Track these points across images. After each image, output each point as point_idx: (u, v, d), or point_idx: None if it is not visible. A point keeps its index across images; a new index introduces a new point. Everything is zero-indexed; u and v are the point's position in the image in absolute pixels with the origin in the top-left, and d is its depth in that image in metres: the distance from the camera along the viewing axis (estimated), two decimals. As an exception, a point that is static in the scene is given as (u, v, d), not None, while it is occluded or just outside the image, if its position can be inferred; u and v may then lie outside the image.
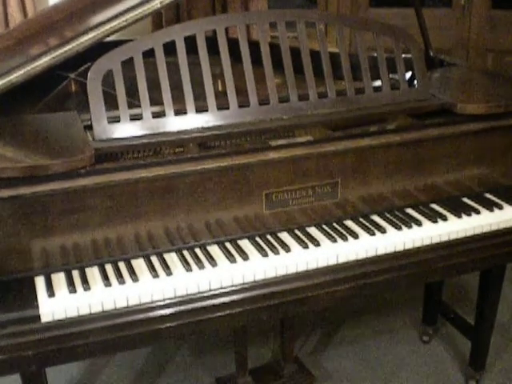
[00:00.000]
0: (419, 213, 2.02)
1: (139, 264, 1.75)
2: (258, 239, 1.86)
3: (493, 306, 2.48)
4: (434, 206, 2.07)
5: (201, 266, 1.73)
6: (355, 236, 1.89)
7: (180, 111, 1.83)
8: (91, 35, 1.95)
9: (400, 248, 1.89)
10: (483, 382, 2.65)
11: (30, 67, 1.92)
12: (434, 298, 2.86)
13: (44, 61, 1.93)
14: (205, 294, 1.69)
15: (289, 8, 1.99)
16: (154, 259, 1.77)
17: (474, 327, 2.58)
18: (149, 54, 1.82)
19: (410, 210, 2.04)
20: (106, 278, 1.67)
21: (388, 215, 2.01)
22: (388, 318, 3.09)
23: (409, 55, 2.09)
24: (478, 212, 2.04)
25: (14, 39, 2.18)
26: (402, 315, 3.11)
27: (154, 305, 1.65)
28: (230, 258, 1.77)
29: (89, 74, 1.76)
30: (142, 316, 1.64)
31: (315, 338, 2.95)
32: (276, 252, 1.80)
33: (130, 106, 1.81)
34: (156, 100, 1.85)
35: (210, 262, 1.75)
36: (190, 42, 1.85)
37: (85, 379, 2.71)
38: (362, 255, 1.85)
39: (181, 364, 2.79)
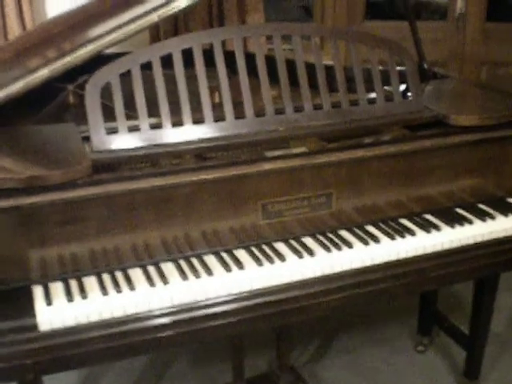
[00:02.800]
0: (413, 223, 2.05)
1: (136, 273, 1.76)
2: (253, 249, 1.88)
3: (487, 316, 2.50)
4: (427, 216, 2.10)
5: (197, 275, 1.75)
6: (349, 246, 1.91)
7: (177, 123, 1.86)
8: (89, 48, 1.97)
9: (394, 257, 1.91)
10: (478, 392, 2.67)
11: (28, 79, 1.94)
12: (429, 308, 2.88)
13: (43, 73, 1.95)
14: (201, 303, 1.71)
15: (285, 20, 2.02)
16: (151, 269, 1.78)
17: (469, 337, 2.60)
18: (146, 67, 1.84)
19: (403, 220, 2.06)
20: (103, 287, 1.69)
21: (382, 225, 2.03)
22: (383, 328, 3.11)
23: (403, 68, 2.12)
24: (471, 222, 2.06)
25: (13, 51, 2.21)
26: (397, 325, 3.13)
27: (150, 314, 1.66)
28: (226, 267, 1.79)
29: (87, 86, 1.79)
30: (139, 325, 1.65)
31: (311, 347, 2.97)
32: (271, 262, 1.82)
33: (128, 117, 1.84)
34: (153, 112, 1.88)
35: (206, 272, 1.77)
36: (188, 55, 1.88)
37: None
38: (356, 265, 1.87)
39: (178, 373, 2.80)
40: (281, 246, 1.91)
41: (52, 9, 3.12)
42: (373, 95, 2.09)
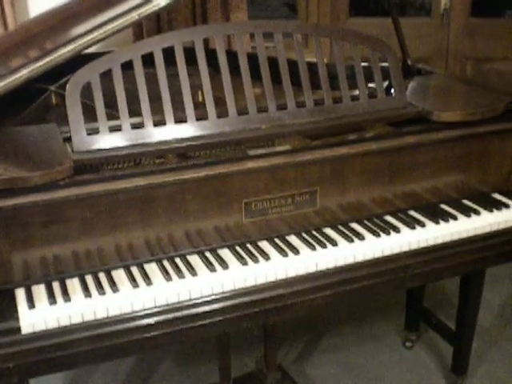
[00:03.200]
0: (397, 220, 2.05)
1: (119, 274, 1.75)
2: (237, 248, 1.87)
3: (473, 311, 2.50)
4: (412, 212, 2.10)
5: (181, 275, 1.74)
6: (334, 243, 1.90)
7: (159, 122, 1.84)
8: (71, 47, 1.96)
9: (379, 255, 1.91)
10: (466, 387, 2.68)
11: (9, 79, 1.93)
12: (416, 305, 2.88)
13: (24, 73, 1.94)
14: (185, 304, 1.70)
15: (271, 18, 2.01)
16: (134, 269, 1.77)
17: (456, 332, 2.61)
18: (127, 66, 1.83)
19: (388, 217, 2.06)
20: (86, 288, 1.68)
21: (367, 222, 2.02)
22: (371, 324, 3.11)
23: (386, 64, 2.12)
24: (455, 218, 2.07)
25: (-6, 52, 2.18)
26: (384, 322, 3.13)
27: (134, 315, 1.65)
28: (210, 266, 1.78)
29: (67, 86, 1.77)
30: (122, 326, 1.64)
31: (299, 345, 2.96)
32: (256, 260, 1.81)
33: (109, 117, 1.82)
34: (135, 111, 1.86)
35: (189, 272, 1.76)
36: (169, 54, 1.86)
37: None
38: (341, 262, 1.86)
39: (165, 374, 2.80)
40: (265, 245, 1.90)
41: (34, 9, 3.10)
42: (356, 92, 2.08)
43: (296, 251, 1.86)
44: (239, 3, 3.25)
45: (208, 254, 1.85)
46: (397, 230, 1.98)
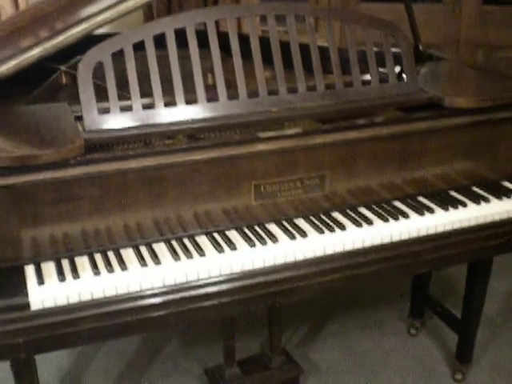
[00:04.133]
0: (406, 205, 2.04)
1: (128, 253, 1.76)
2: (246, 230, 1.88)
3: (480, 299, 2.50)
4: (421, 198, 2.09)
5: (189, 255, 1.75)
6: (342, 228, 1.90)
7: (170, 103, 1.84)
8: (82, 27, 1.96)
9: (387, 240, 1.91)
10: (469, 375, 2.67)
11: (21, 59, 1.93)
12: (421, 292, 2.88)
13: (35, 52, 1.94)
14: (193, 284, 1.71)
15: (278, 2, 2.00)
16: (143, 249, 1.78)
17: (461, 320, 2.61)
18: (139, 48, 1.83)
19: (397, 203, 2.06)
20: (95, 266, 1.69)
21: (375, 207, 2.02)
22: (375, 310, 3.12)
23: (398, 49, 2.11)
24: (464, 205, 2.06)
25: (6, 31, 2.18)
26: (389, 308, 3.13)
27: (142, 294, 1.67)
28: (218, 248, 1.78)
29: (79, 65, 1.77)
30: (130, 304, 1.65)
31: (303, 330, 2.97)
32: (264, 243, 1.82)
33: (120, 97, 1.82)
34: (146, 92, 1.86)
35: (198, 252, 1.76)
36: (181, 36, 1.86)
37: (74, 369, 2.73)
38: (348, 247, 1.87)
39: (169, 355, 2.81)
40: (273, 227, 1.90)
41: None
42: (367, 77, 2.07)
43: (304, 234, 1.86)
44: (250, -14, 3.25)
45: (216, 235, 1.85)
46: (406, 215, 1.98)
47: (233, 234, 1.86)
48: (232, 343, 2.31)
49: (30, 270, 1.68)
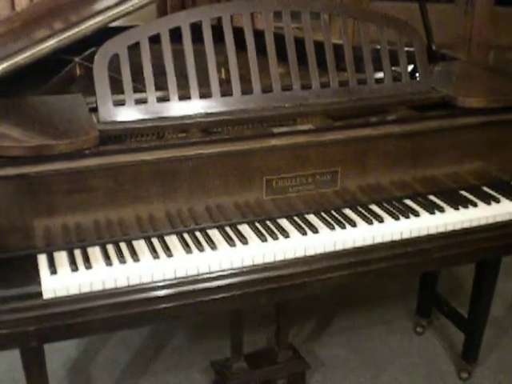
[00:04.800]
0: (417, 203, 2.05)
1: (140, 245, 1.77)
2: (257, 224, 1.89)
3: (487, 299, 2.51)
4: (431, 197, 2.10)
5: (201, 248, 1.76)
6: (353, 224, 1.91)
7: (184, 97, 1.85)
8: (97, 19, 1.96)
9: (397, 237, 1.92)
10: (475, 375, 2.68)
11: (36, 50, 1.94)
12: (429, 290, 2.89)
13: (50, 43, 1.95)
14: (204, 276, 1.72)
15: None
16: (155, 241, 1.79)
17: (468, 320, 2.61)
18: (154, 41, 1.84)
19: (408, 201, 2.07)
20: (107, 257, 1.70)
21: (386, 205, 2.03)
22: (382, 308, 3.12)
23: (411, 48, 2.11)
24: (475, 205, 2.07)
25: (21, 21, 2.19)
26: (396, 306, 3.14)
27: (154, 285, 1.68)
28: (230, 241, 1.79)
29: (96, 56, 1.78)
30: (141, 296, 1.67)
31: (310, 326, 2.98)
32: (275, 237, 1.83)
33: (135, 90, 1.83)
34: (161, 85, 1.87)
35: (209, 245, 1.77)
36: (195, 31, 1.87)
37: (81, 359, 2.74)
38: (359, 243, 1.88)
39: (176, 348, 2.82)
40: (285, 223, 1.91)
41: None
42: (381, 75, 2.08)
43: (315, 230, 1.87)
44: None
45: (228, 229, 1.86)
46: (416, 213, 1.99)
47: (244, 228, 1.87)
48: (240, 337, 2.32)
49: (42, 259, 1.69)
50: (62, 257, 1.71)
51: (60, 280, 1.62)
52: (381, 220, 1.94)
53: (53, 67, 2.27)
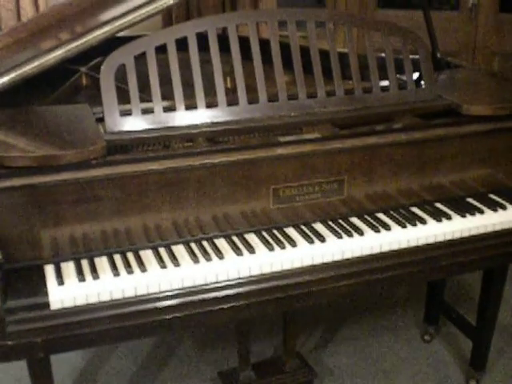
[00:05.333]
0: (424, 211, 2.05)
1: (147, 255, 1.77)
2: (264, 233, 1.89)
3: (494, 306, 2.50)
4: (438, 205, 2.10)
5: (208, 258, 1.76)
6: (360, 232, 1.91)
7: (190, 106, 1.86)
8: (103, 30, 1.98)
9: (404, 245, 1.92)
10: (483, 382, 2.67)
11: (42, 60, 1.95)
12: (436, 298, 2.88)
13: (57, 54, 1.96)
14: (212, 286, 1.72)
15: (297, 8, 2.01)
16: (162, 251, 1.79)
17: (476, 327, 2.61)
18: (160, 51, 1.84)
19: (414, 209, 2.07)
20: (114, 267, 1.70)
21: (393, 213, 2.03)
22: (390, 316, 3.12)
23: (416, 56, 2.11)
24: (481, 212, 2.07)
25: (28, 32, 2.21)
26: (403, 314, 3.13)
27: (161, 295, 1.68)
28: (237, 251, 1.79)
29: (102, 66, 1.79)
30: (149, 306, 1.66)
31: (317, 334, 2.97)
32: (282, 246, 1.83)
33: (142, 100, 1.84)
34: (167, 95, 1.88)
35: (217, 255, 1.77)
36: (201, 41, 1.88)
37: (88, 369, 2.74)
38: (366, 251, 1.87)
39: (183, 357, 2.82)
40: (292, 232, 1.91)
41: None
42: (386, 83, 2.08)
43: (322, 239, 1.87)
44: (268, -9, 3.26)
45: (235, 238, 1.86)
46: (423, 221, 1.98)
47: (251, 238, 1.87)
48: (247, 346, 2.32)
49: (49, 270, 1.70)
50: (69, 267, 1.71)
51: (67, 290, 1.62)
52: (388, 228, 1.94)
53: (60, 77, 2.28)
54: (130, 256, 1.76)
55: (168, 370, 2.74)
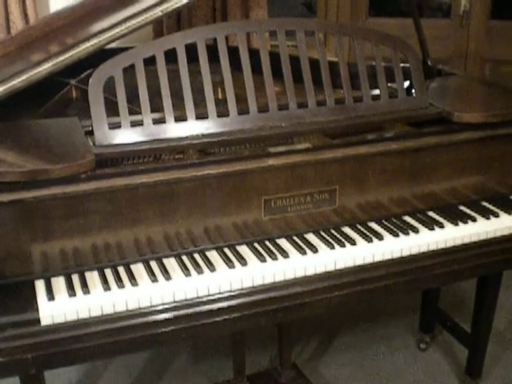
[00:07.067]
0: (416, 220, 2.04)
1: (138, 269, 1.76)
2: (256, 245, 1.88)
3: (489, 314, 2.49)
4: (431, 213, 2.09)
5: (199, 271, 1.74)
6: (353, 242, 1.90)
7: (180, 118, 1.85)
8: (92, 42, 1.97)
9: (397, 255, 1.91)
10: (480, 390, 2.67)
11: (31, 73, 1.94)
12: (431, 306, 2.87)
13: (46, 67, 1.95)
14: (203, 299, 1.70)
15: (288, 16, 2.01)
16: (153, 264, 1.78)
17: (471, 335, 2.60)
18: (149, 63, 1.84)
19: (407, 218, 2.06)
20: (105, 282, 1.69)
21: (385, 222, 2.02)
22: (385, 325, 3.11)
23: (407, 65, 2.11)
24: (474, 220, 2.06)
25: (16, 45, 2.20)
26: (399, 323, 3.12)
27: (153, 309, 1.66)
28: (229, 263, 1.78)
29: (90, 79, 1.78)
30: (141, 320, 1.65)
31: (313, 344, 2.96)
32: (274, 258, 1.82)
33: (131, 112, 1.83)
34: (156, 107, 1.87)
35: (208, 268, 1.76)
36: (191, 51, 1.87)
37: (82, 383, 2.73)
38: (359, 261, 1.86)
39: (178, 370, 2.80)
40: (284, 243, 1.90)
41: (55, 3, 3.11)
42: (377, 92, 2.08)
43: (315, 249, 1.86)
44: (259, 1, 3.26)
45: (227, 251, 1.85)
46: (416, 230, 1.98)
47: (243, 249, 1.86)
48: (242, 358, 2.31)
49: (40, 285, 1.68)
50: (59, 282, 1.69)
51: (58, 306, 1.61)
52: (380, 238, 1.93)
53: (49, 90, 2.27)
54: (121, 270, 1.75)
55: (163, 383, 2.72)
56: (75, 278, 1.71)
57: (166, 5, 1.96)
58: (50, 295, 1.63)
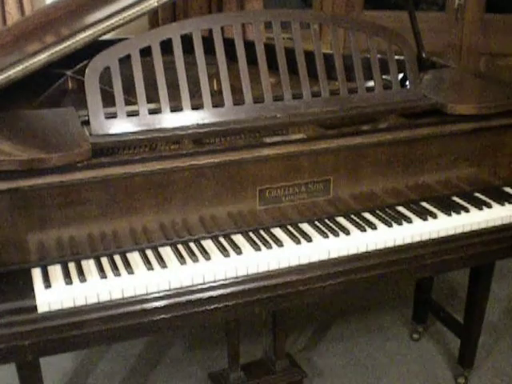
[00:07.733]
0: (410, 210, 2.06)
1: (134, 257, 1.78)
2: (251, 234, 1.89)
3: (482, 304, 2.52)
4: (424, 204, 2.11)
5: (195, 259, 1.76)
6: (347, 232, 1.92)
7: (176, 108, 1.86)
8: (88, 33, 1.97)
9: (390, 244, 1.93)
10: (472, 380, 2.69)
11: (27, 64, 1.95)
12: (424, 296, 2.89)
13: (41, 58, 1.96)
14: (199, 287, 1.72)
15: (283, 9, 2.02)
16: (149, 253, 1.80)
17: (464, 325, 2.62)
18: (145, 54, 1.85)
19: (400, 208, 2.08)
20: (101, 270, 1.70)
21: (379, 212, 2.04)
22: (378, 315, 3.13)
23: (401, 57, 2.13)
24: (467, 210, 2.08)
25: (12, 36, 2.21)
26: (392, 313, 3.14)
27: (148, 297, 1.68)
28: (224, 251, 1.80)
29: (87, 70, 1.79)
30: (136, 307, 1.67)
31: (307, 334, 2.98)
32: (269, 246, 1.83)
33: (127, 102, 1.84)
34: (152, 97, 1.88)
35: (203, 256, 1.78)
36: (186, 42, 1.88)
37: (77, 373, 2.74)
38: (353, 251, 1.88)
39: (173, 359, 2.82)
40: (278, 232, 1.92)
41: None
42: (371, 83, 2.09)
43: (309, 238, 1.88)
44: (255, -7, 3.27)
45: (222, 239, 1.87)
46: (409, 220, 2.00)
47: (238, 238, 1.88)
48: (236, 347, 2.32)
49: (36, 273, 1.70)
50: (56, 270, 1.71)
51: (54, 293, 1.62)
52: (374, 227, 1.95)
53: (45, 81, 2.28)
54: (117, 258, 1.76)
55: (158, 372, 2.75)
56: (72, 266, 1.73)
57: (161, -5, 1.97)
58: (47, 283, 1.64)
